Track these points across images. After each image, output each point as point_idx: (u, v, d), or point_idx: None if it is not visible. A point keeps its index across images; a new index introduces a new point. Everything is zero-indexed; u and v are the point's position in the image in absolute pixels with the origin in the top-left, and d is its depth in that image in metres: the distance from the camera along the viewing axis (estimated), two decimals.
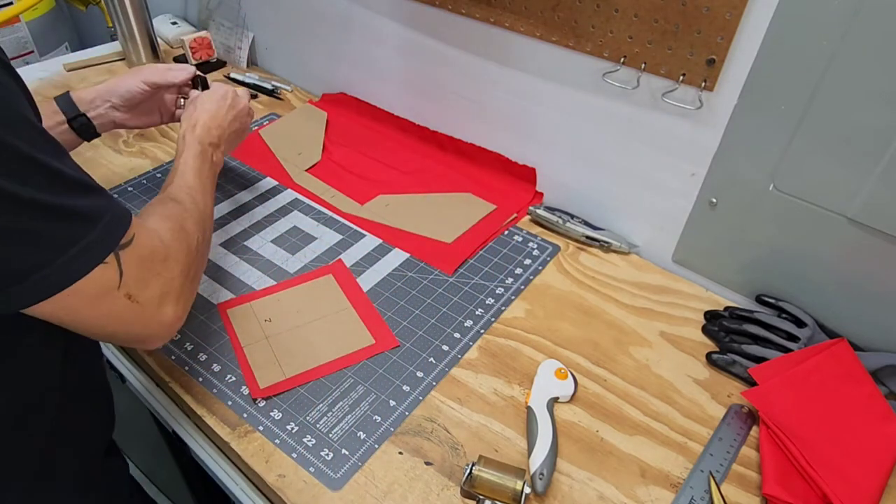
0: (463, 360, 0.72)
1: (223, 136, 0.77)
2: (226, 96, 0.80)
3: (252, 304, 0.76)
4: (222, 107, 0.79)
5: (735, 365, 0.71)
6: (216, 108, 0.78)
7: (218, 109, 0.78)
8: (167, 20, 1.40)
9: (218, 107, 0.78)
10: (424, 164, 1.03)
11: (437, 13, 0.91)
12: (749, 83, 0.67)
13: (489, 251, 0.87)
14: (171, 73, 0.83)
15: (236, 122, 0.80)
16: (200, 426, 0.66)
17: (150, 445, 0.99)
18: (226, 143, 0.78)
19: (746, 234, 0.76)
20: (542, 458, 0.59)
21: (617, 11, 0.72)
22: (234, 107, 0.80)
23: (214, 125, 0.76)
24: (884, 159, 0.62)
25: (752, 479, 0.61)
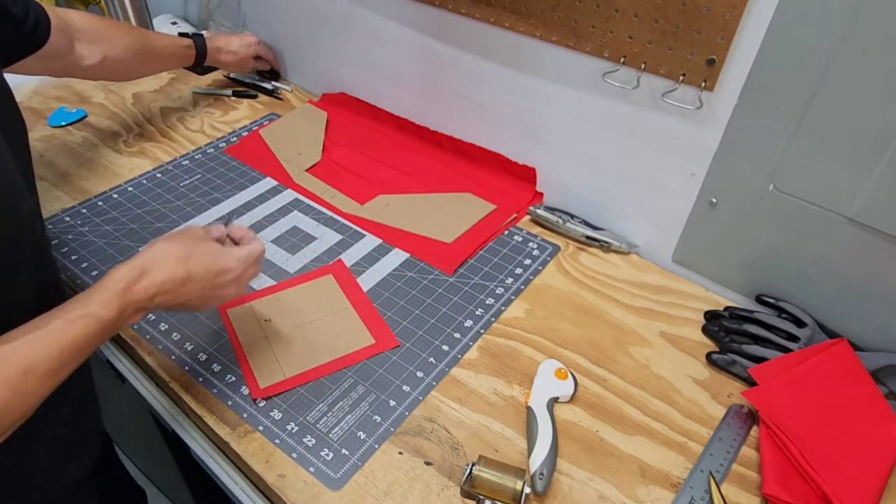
0: (463, 360, 0.72)
1: (174, 303, 0.56)
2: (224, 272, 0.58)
3: (252, 304, 0.76)
4: (212, 271, 0.57)
5: (735, 365, 0.71)
6: (203, 269, 0.56)
7: (205, 273, 0.57)
8: (167, 20, 1.39)
9: (205, 269, 0.57)
10: (424, 164, 1.03)
11: (438, 13, 0.91)
12: (749, 83, 0.67)
13: (489, 251, 0.87)
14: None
15: (196, 301, 0.58)
16: (200, 426, 0.66)
17: (150, 445, 0.99)
18: (171, 307, 0.57)
19: (746, 234, 0.76)
20: (542, 458, 0.59)
21: (617, 11, 0.72)
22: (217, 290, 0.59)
23: (179, 291, 0.55)
24: (884, 159, 0.62)
25: (752, 479, 0.61)
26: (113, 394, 1.11)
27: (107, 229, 0.87)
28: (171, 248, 0.56)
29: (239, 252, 0.61)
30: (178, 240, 0.57)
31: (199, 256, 0.57)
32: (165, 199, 0.93)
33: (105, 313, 0.50)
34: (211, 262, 0.57)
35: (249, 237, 0.64)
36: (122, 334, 0.72)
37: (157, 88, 1.21)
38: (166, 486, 1.35)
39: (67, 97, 1.17)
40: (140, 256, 0.54)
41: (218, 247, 0.60)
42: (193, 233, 0.60)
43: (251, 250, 0.62)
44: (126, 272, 0.52)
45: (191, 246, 0.57)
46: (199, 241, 0.59)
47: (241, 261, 0.60)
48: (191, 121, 1.12)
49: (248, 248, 0.62)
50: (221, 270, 0.58)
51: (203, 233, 0.61)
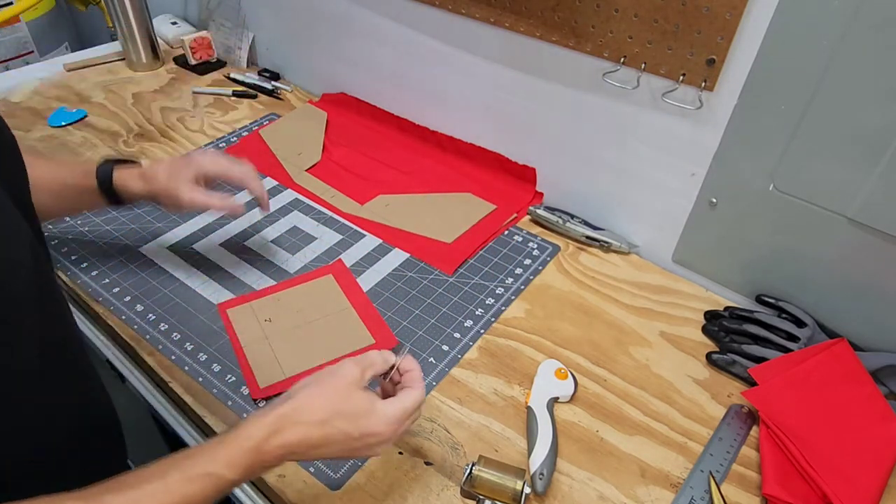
0: (463, 360, 0.72)
1: (307, 459, 0.52)
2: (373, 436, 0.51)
3: (252, 304, 0.76)
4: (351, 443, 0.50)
5: (735, 365, 0.71)
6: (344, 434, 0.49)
7: (345, 438, 0.50)
8: (167, 20, 1.40)
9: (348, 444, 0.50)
10: (424, 164, 1.03)
11: (437, 13, 0.91)
12: (749, 83, 0.67)
13: (489, 251, 0.87)
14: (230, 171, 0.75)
15: (357, 454, 0.52)
16: (200, 426, 0.66)
17: (150, 445, 0.99)
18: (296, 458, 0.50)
19: (746, 234, 0.76)
20: (542, 458, 0.59)
21: (617, 11, 0.72)
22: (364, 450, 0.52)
23: (313, 453, 0.50)
24: (884, 159, 0.62)
25: (752, 479, 0.61)
26: (113, 394, 1.11)
27: (107, 229, 0.87)
28: (313, 405, 0.49)
29: (390, 411, 0.51)
30: (324, 392, 0.50)
31: (341, 418, 0.49)
32: None
33: (230, 474, 0.44)
34: (354, 426, 0.50)
35: (413, 379, 0.55)
36: (122, 334, 0.72)
37: (157, 88, 1.21)
38: None
39: (67, 97, 1.17)
40: (278, 409, 0.48)
41: (367, 404, 0.51)
42: (345, 378, 0.51)
43: (406, 405, 0.52)
44: (259, 430, 0.46)
45: (336, 403, 0.50)
46: (348, 395, 0.50)
47: (390, 423, 0.51)
48: (191, 121, 1.12)
49: (403, 404, 0.52)
50: (364, 434, 0.50)
51: (359, 374, 0.52)
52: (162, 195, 0.72)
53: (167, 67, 1.29)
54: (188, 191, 0.72)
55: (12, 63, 1.50)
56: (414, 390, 0.54)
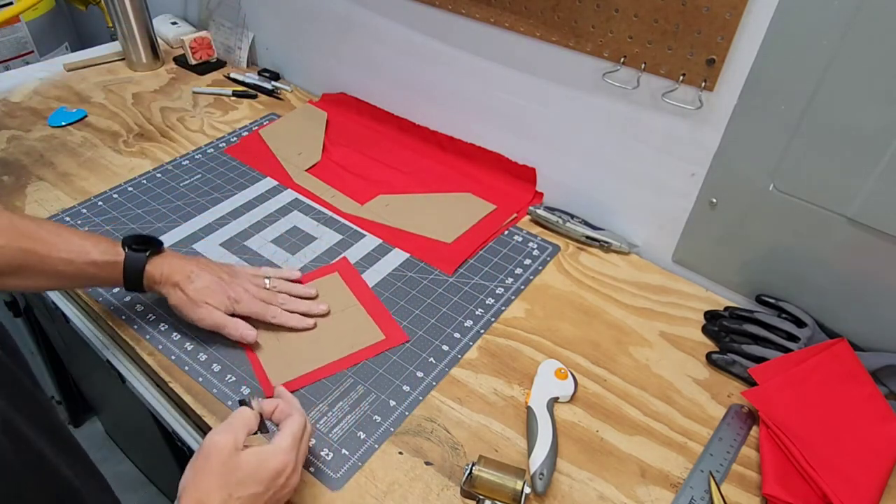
0: (463, 359, 0.72)
1: None
2: (278, 475, 0.51)
3: None
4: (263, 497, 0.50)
5: (735, 365, 0.71)
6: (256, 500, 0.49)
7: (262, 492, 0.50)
8: (167, 20, 1.39)
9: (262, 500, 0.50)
10: (424, 164, 1.03)
11: (437, 13, 0.91)
12: (749, 83, 0.67)
13: (489, 251, 0.87)
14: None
15: (284, 493, 0.52)
16: (200, 426, 0.66)
17: (150, 445, 0.99)
18: None
19: (746, 234, 0.76)
20: (542, 458, 0.59)
21: (617, 11, 0.72)
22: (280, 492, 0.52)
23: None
24: (884, 159, 0.62)
25: (752, 479, 0.61)
26: (113, 394, 1.11)
27: (107, 229, 0.86)
28: (209, 495, 0.47)
29: (281, 443, 0.52)
30: (210, 476, 0.48)
31: (241, 486, 0.48)
32: (165, 199, 0.93)
33: None
34: (257, 483, 0.49)
35: (284, 411, 0.55)
36: (122, 334, 0.72)
37: (157, 88, 1.21)
38: (166, 486, 1.35)
39: (67, 97, 1.17)
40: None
41: (255, 458, 0.50)
42: (221, 452, 0.49)
43: (293, 429, 0.53)
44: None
45: (226, 478, 0.48)
46: (234, 464, 0.49)
47: (287, 451, 0.51)
48: (191, 121, 1.12)
49: (290, 430, 0.53)
50: (270, 480, 0.50)
51: (232, 440, 0.50)
52: (185, 312, 0.68)
53: (167, 67, 1.29)
54: (206, 314, 0.67)
55: (12, 63, 1.50)
56: (292, 416, 0.54)
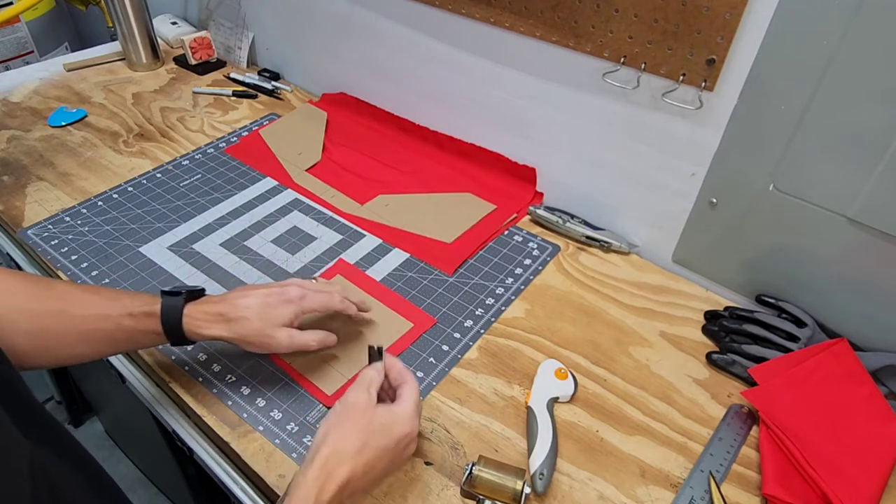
0: (463, 360, 0.72)
1: (370, 486, 0.54)
2: (404, 438, 0.54)
3: None
4: (390, 453, 0.53)
5: (735, 365, 0.71)
6: (382, 449, 0.52)
7: (384, 452, 0.53)
8: (167, 20, 1.40)
9: (388, 457, 0.53)
10: (424, 164, 1.03)
11: (437, 13, 0.91)
12: (749, 83, 0.67)
13: (489, 251, 0.87)
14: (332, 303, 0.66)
15: (387, 475, 0.56)
16: (200, 426, 0.66)
17: (150, 445, 0.99)
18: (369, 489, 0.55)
19: (746, 234, 0.76)
20: (542, 458, 0.59)
21: (617, 11, 0.72)
22: (401, 455, 0.55)
23: (369, 476, 0.52)
24: (884, 159, 0.62)
25: (752, 479, 0.61)
26: (113, 394, 1.11)
27: (107, 229, 0.87)
28: (346, 441, 0.51)
29: (407, 409, 0.55)
30: (350, 425, 0.52)
31: (375, 437, 0.52)
32: (165, 199, 0.93)
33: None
34: (388, 438, 0.53)
35: (401, 373, 0.58)
36: None
37: (157, 88, 1.21)
38: (166, 486, 1.35)
39: (67, 97, 1.17)
40: (317, 460, 0.50)
41: (388, 415, 0.54)
42: (358, 405, 0.53)
43: (414, 397, 0.56)
44: (310, 487, 0.48)
45: (364, 428, 0.52)
46: (370, 416, 0.53)
47: (412, 419, 0.55)
48: (191, 121, 1.12)
49: (412, 397, 0.56)
50: (398, 440, 0.53)
51: (367, 396, 0.54)
52: (252, 341, 0.61)
53: (167, 67, 1.29)
54: (286, 337, 0.62)
55: (12, 63, 1.50)
56: (409, 384, 0.57)
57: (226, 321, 0.60)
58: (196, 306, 0.61)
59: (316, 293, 0.66)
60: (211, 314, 0.60)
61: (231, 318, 0.60)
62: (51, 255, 0.82)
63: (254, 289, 0.64)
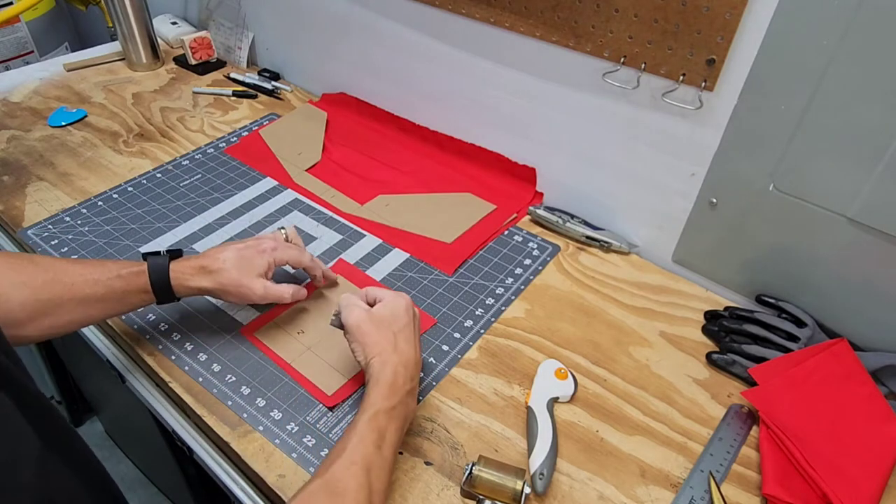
0: (463, 360, 0.72)
1: (419, 368, 0.61)
2: (408, 308, 0.63)
3: (276, 321, 0.74)
4: (411, 324, 0.62)
5: (735, 365, 0.71)
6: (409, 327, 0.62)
7: (414, 330, 0.63)
8: (167, 20, 1.40)
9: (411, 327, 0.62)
10: (424, 164, 1.03)
11: (437, 13, 0.91)
12: (749, 83, 0.67)
13: (489, 251, 0.87)
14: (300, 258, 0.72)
15: (419, 340, 0.64)
16: (200, 426, 0.66)
17: (150, 445, 0.99)
18: (419, 374, 0.62)
19: (746, 234, 0.76)
20: (542, 458, 0.59)
21: (617, 11, 0.72)
22: (416, 320, 0.64)
23: (412, 357, 0.60)
24: (884, 159, 0.62)
25: (752, 479, 0.61)
26: (113, 394, 1.11)
27: (107, 229, 0.87)
28: (380, 349, 0.59)
29: (388, 294, 0.64)
30: (376, 337, 0.60)
31: (394, 322, 0.61)
32: (165, 199, 0.93)
33: (387, 404, 0.56)
34: (399, 316, 0.62)
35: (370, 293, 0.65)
36: (122, 334, 0.72)
37: (157, 88, 1.21)
38: (166, 486, 1.35)
39: (67, 97, 1.17)
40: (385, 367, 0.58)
41: (383, 308, 0.62)
42: (363, 323, 0.60)
43: (388, 291, 0.65)
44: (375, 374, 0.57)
45: (386, 327, 0.60)
46: (377, 321, 0.61)
47: (395, 294, 0.64)
48: (191, 121, 1.12)
49: (386, 291, 0.65)
50: (406, 310, 0.62)
51: (365, 313, 0.61)
52: (230, 290, 0.66)
53: (167, 67, 1.29)
54: (261, 287, 0.67)
55: (12, 63, 1.50)
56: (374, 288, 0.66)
57: (207, 272, 0.66)
58: (180, 263, 0.66)
59: (288, 248, 0.71)
60: (195, 267, 0.66)
61: (211, 269, 0.66)
62: (51, 255, 0.82)
63: (231, 244, 0.70)
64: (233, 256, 0.67)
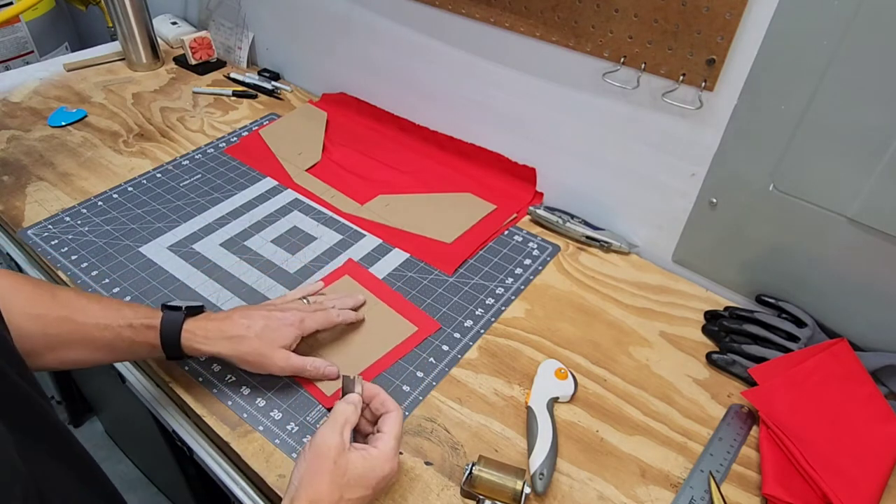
0: (463, 360, 0.72)
1: None
2: (382, 480, 0.52)
3: None
4: (368, 499, 0.52)
5: (735, 365, 0.71)
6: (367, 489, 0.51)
7: (373, 492, 0.52)
8: (167, 20, 1.40)
9: (372, 488, 0.51)
10: (424, 164, 1.03)
11: (437, 13, 0.91)
12: (749, 83, 0.67)
13: (489, 251, 0.87)
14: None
15: (382, 492, 0.55)
16: (200, 426, 0.66)
17: (150, 445, 0.99)
18: None
19: (746, 234, 0.76)
20: (542, 458, 0.59)
21: (617, 11, 0.72)
22: (383, 493, 0.56)
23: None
24: (884, 159, 0.62)
25: (752, 479, 0.61)
26: (113, 394, 1.11)
27: (107, 229, 0.87)
28: (320, 494, 0.49)
29: (387, 447, 0.53)
30: (322, 475, 0.50)
31: (350, 489, 0.50)
32: (165, 199, 0.93)
33: None
34: (365, 486, 0.51)
35: (384, 404, 0.56)
36: None
37: (157, 88, 1.21)
38: (166, 486, 1.35)
39: (67, 97, 1.17)
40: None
41: (364, 461, 0.51)
42: (331, 450, 0.50)
43: (395, 431, 0.54)
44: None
45: (338, 479, 0.50)
46: (344, 465, 0.50)
47: (391, 458, 0.53)
48: (191, 121, 1.12)
49: (393, 432, 0.54)
50: (377, 484, 0.52)
51: (339, 439, 0.51)
52: (249, 360, 0.62)
53: (167, 67, 1.29)
54: (283, 358, 0.62)
55: (12, 63, 1.50)
56: (391, 413, 0.55)
57: (226, 338, 0.61)
58: (196, 322, 0.61)
59: (314, 313, 0.67)
60: (211, 331, 0.61)
61: (231, 335, 0.61)
62: (51, 255, 0.82)
63: (254, 309, 0.65)
64: (259, 326, 0.62)
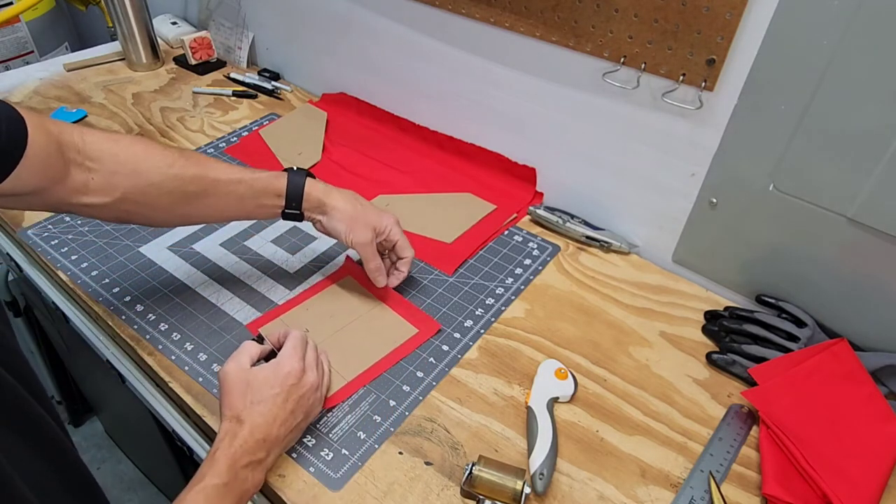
0: (463, 359, 0.72)
1: (279, 445, 0.57)
2: (288, 376, 0.58)
3: (282, 319, 0.74)
4: (282, 395, 0.57)
5: (735, 365, 0.71)
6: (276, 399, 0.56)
7: (282, 403, 0.57)
8: (167, 20, 1.40)
9: (281, 398, 0.57)
10: (424, 164, 1.03)
11: (437, 13, 0.91)
12: (749, 83, 0.68)
13: (489, 251, 0.87)
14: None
15: (300, 414, 0.59)
16: (200, 426, 0.66)
17: (150, 445, 0.99)
18: (279, 450, 0.58)
19: (746, 234, 0.76)
20: (542, 458, 0.59)
21: (617, 11, 0.72)
22: (298, 391, 0.58)
23: (271, 433, 0.55)
24: (883, 159, 0.62)
25: (752, 479, 0.61)
26: (113, 394, 1.11)
27: (107, 229, 0.86)
28: (231, 408, 0.56)
29: (284, 351, 0.60)
30: (230, 394, 0.56)
31: (255, 390, 0.56)
32: None
33: (217, 481, 0.51)
34: (270, 388, 0.57)
35: (284, 333, 0.63)
36: (122, 334, 0.72)
37: (157, 88, 1.21)
38: (166, 486, 1.35)
39: (67, 97, 1.17)
40: (220, 431, 0.55)
41: (263, 368, 0.58)
42: (230, 374, 0.57)
43: (292, 342, 0.61)
44: (222, 454, 0.53)
45: (243, 389, 0.56)
46: (244, 377, 0.57)
47: (290, 356, 0.59)
48: (191, 121, 1.12)
49: (289, 343, 0.61)
50: (283, 381, 0.57)
51: (236, 364, 0.58)
52: (344, 217, 0.70)
53: (167, 67, 1.29)
54: (363, 234, 0.71)
55: (12, 63, 1.50)
56: (290, 336, 0.62)
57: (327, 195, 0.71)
58: (313, 187, 0.70)
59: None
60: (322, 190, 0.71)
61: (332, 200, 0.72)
62: (51, 255, 0.82)
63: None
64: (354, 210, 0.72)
